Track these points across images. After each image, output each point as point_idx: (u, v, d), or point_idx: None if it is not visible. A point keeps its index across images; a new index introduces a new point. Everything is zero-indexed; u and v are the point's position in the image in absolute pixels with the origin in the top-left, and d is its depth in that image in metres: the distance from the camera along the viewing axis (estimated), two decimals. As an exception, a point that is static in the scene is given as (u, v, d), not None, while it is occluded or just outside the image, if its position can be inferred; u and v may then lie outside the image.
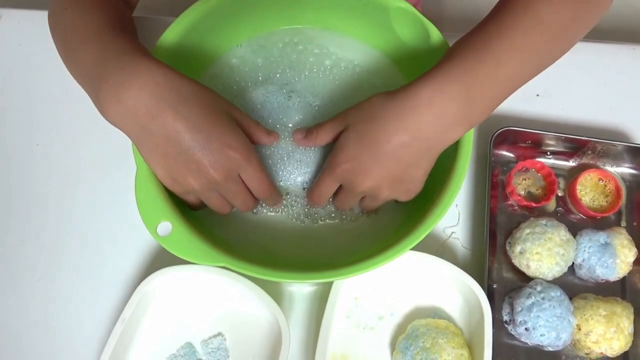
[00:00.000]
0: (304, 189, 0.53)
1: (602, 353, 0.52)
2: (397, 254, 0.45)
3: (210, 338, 0.53)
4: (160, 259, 0.56)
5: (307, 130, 0.51)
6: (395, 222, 0.53)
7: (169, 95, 0.41)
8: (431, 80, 0.43)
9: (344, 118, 0.48)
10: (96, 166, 0.61)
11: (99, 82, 0.42)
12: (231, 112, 0.46)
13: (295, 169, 0.53)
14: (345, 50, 0.58)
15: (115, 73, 0.41)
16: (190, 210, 0.50)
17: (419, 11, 0.54)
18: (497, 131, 0.58)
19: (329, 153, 0.48)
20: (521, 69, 0.46)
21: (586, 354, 0.53)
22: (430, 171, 0.47)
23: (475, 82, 0.43)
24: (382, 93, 0.46)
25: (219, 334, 0.53)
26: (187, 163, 0.42)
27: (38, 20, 0.65)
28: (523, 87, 0.63)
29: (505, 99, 0.46)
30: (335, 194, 0.50)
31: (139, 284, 0.51)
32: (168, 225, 0.45)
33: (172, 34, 0.52)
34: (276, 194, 0.50)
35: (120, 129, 0.43)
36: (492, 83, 0.44)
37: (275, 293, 0.54)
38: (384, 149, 0.44)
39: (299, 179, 0.53)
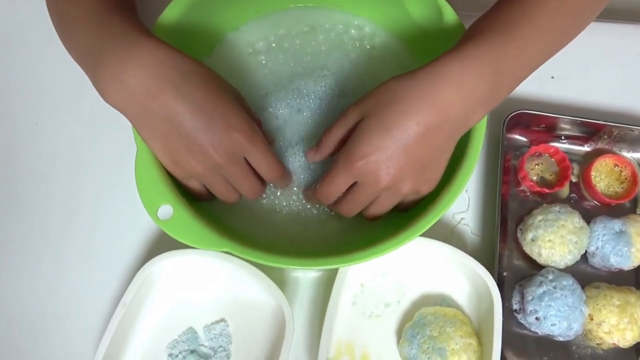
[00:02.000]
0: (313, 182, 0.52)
1: (614, 344, 0.51)
2: (406, 240, 0.43)
3: (212, 324, 0.52)
4: (162, 243, 0.55)
5: (317, 143, 0.47)
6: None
7: (171, 74, 0.39)
8: (460, 57, 0.40)
9: (357, 108, 0.43)
10: (97, 148, 0.59)
11: (98, 61, 0.40)
12: (235, 95, 0.44)
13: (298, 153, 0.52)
14: (355, 29, 0.56)
15: (115, 52, 0.39)
16: (197, 201, 0.47)
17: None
18: (510, 114, 0.56)
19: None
20: (544, 51, 0.44)
21: (597, 344, 0.52)
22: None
23: (504, 62, 0.41)
24: (400, 75, 0.42)
25: (222, 320, 0.52)
26: (189, 145, 0.40)
27: (36, 1, 0.63)
28: (538, 69, 0.62)
29: (523, 80, 0.44)
30: (344, 194, 0.45)
31: (140, 268, 0.50)
32: (169, 208, 0.43)
33: (174, 12, 0.50)
34: (286, 174, 0.48)
35: (120, 110, 0.41)
36: (518, 64, 0.42)
37: (279, 278, 0.53)
38: (412, 133, 0.40)
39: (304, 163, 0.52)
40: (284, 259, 0.42)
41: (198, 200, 0.47)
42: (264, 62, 0.55)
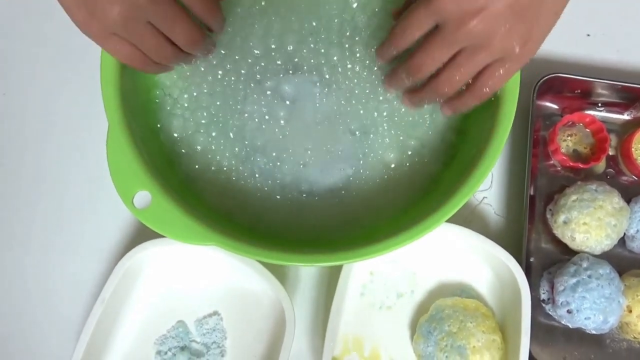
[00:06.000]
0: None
1: (654, 338, 0.45)
2: (426, 230, 0.37)
3: (205, 317, 0.47)
4: (146, 231, 0.49)
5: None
6: (420, 185, 0.45)
7: None
8: None
9: None
10: (68, 130, 0.54)
11: None
12: None
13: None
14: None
15: None
16: (140, 71, 0.39)
17: None
18: (541, 79, 0.49)
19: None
20: None
21: (635, 337, 0.47)
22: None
23: None
24: None
25: (215, 313, 0.47)
26: None
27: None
28: (571, 25, 0.54)
29: None
30: (419, 48, 0.36)
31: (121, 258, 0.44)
32: (147, 195, 0.37)
33: None
34: (218, 12, 0.39)
35: None
36: None
37: (278, 267, 0.47)
38: None
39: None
40: (282, 255, 0.36)
41: (135, 68, 0.38)
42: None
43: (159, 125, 0.44)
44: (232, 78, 0.44)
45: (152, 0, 0.34)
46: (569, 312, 0.45)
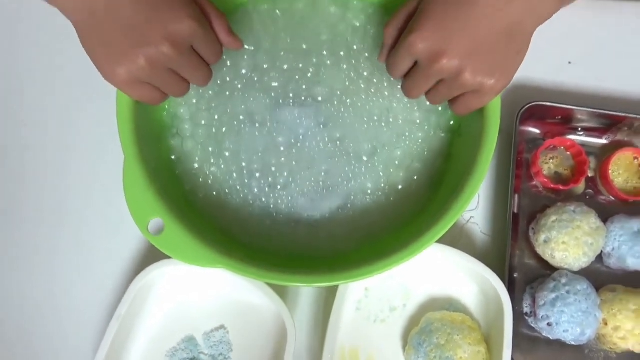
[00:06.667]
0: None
1: (628, 349, 0.49)
2: (417, 251, 0.41)
3: (212, 331, 0.50)
4: (156, 252, 0.52)
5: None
6: (411, 208, 0.49)
7: None
8: None
9: None
10: (87, 153, 0.57)
11: None
12: None
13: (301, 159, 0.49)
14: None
15: None
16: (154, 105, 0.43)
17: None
18: (524, 106, 0.53)
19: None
20: None
21: (611, 348, 0.50)
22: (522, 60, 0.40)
23: None
24: None
25: (222, 327, 0.50)
26: (135, 39, 0.37)
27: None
28: (553, 53, 0.58)
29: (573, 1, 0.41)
30: (409, 73, 0.43)
31: (135, 276, 0.48)
32: (160, 221, 0.41)
33: None
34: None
35: (61, 11, 0.38)
36: None
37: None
38: (478, 11, 0.37)
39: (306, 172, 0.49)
40: (284, 276, 0.40)
41: (151, 104, 0.42)
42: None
43: (172, 157, 0.47)
44: (241, 108, 0.48)
45: (177, 52, 0.38)
46: (549, 325, 0.48)
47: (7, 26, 0.61)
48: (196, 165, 0.47)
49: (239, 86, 0.49)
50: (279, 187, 0.48)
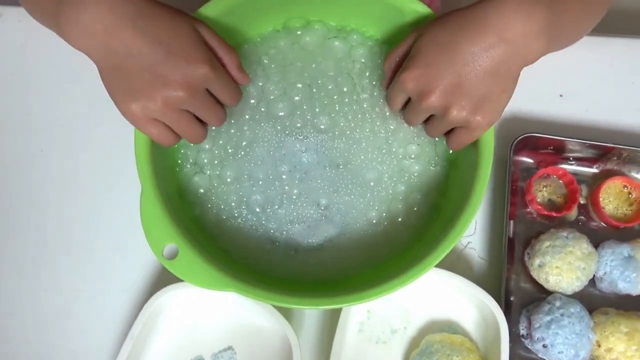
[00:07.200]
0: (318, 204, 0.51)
1: (621, 370, 0.51)
2: (417, 275, 0.43)
3: (220, 352, 0.52)
4: (167, 274, 0.55)
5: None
6: (410, 235, 0.51)
7: (127, 10, 0.39)
8: None
9: (416, 30, 0.45)
10: (103, 175, 0.59)
11: (58, 7, 0.40)
12: (198, 27, 0.43)
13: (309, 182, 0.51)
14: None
15: None
16: (165, 147, 0.45)
17: (435, 10, 0.51)
18: (517, 138, 0.56)
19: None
20: (582, 25, 0.49)
21: (605, 369, 0.52)
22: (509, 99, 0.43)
23: (556, 9, 0.42)
24: (456, 9, 0.43)
25: (229, 348, 0.52)
26: (151, 79, 0.40)
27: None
28: (545, 86, 0.61)
29: (563, 48, 0.47)
30: (406, 104, 0.47)
31: (147, 299, 0.50)
32: (175, 247, 0.43)
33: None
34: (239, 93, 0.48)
35: (85, 52, 0.41)
36: (567, 21, 0.44)
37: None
38: (464, 52, 0.40)
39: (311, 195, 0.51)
40: (291, 299, 0.42)
41: (167, 145, 0.45)
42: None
43: (181, 183, 0.50)
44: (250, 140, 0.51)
45: (192, 95, 0.41)
46: (544, 346, 0.50)
47: (21, 60, 0.65)
48: (202, 190, 0.50)
49: (246, 116, 0.52)
50: (280, 214, 0.50)
